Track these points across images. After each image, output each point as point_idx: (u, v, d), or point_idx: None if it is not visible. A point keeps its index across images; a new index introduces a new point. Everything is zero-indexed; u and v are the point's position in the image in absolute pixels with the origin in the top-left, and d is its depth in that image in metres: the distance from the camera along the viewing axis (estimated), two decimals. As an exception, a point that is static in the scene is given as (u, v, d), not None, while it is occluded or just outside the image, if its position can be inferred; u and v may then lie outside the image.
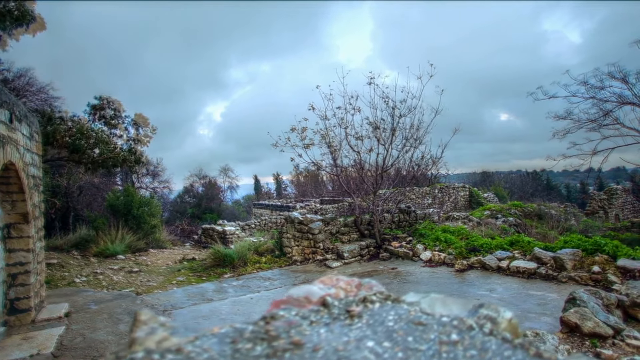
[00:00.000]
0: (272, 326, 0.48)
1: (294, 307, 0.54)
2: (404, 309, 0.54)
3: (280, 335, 0.46)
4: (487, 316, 0.49)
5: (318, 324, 0.51)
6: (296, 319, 0.51)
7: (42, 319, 4.93)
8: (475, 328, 0.47)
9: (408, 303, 0.57)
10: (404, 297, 0.60)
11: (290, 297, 0.57)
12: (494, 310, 0.51)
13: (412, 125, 8.64)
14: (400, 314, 0.52)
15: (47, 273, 8.36)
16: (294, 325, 0.49)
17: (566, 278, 5.48)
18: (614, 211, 18.14)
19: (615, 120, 11.52)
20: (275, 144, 8.58)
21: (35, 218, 5.15)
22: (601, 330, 2.43)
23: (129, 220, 12.32)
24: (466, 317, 0.50)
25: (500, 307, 0.51)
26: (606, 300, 2.82)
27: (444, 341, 0.44)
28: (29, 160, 4.94)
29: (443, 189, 19.23)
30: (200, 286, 7.24)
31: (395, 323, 0.49)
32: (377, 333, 0.47)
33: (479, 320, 0.49)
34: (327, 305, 0.56)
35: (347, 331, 0.48)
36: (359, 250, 8.44)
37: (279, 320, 0.50)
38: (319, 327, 0.50)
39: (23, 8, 10.06)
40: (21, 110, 4.65)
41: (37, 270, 5.20)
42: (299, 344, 0.45)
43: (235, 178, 35.04)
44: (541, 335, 2.26)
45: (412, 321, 0.49)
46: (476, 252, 7.19)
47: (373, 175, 9.03)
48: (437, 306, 0.55)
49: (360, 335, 0.47)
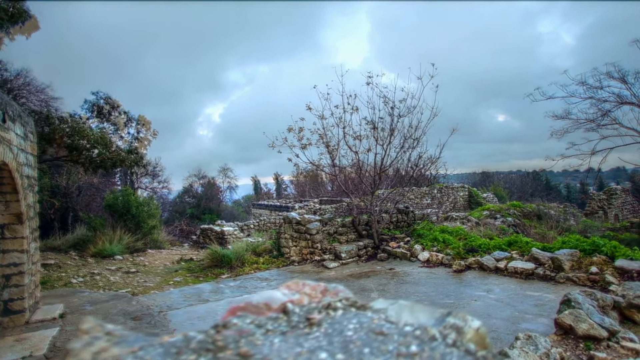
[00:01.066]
0: (221, 335, 0.45)
1: (250, 315, 0.51)
2: (368, 317, 0.50)
3: (228, 345, 0.43)
4: (454, 325, 0.46)
5: (273, 333, 0.47)
6: (250, 327, 0.47)
7: (36, 320, 4.90)
8: (438, 338, 0.43)
9: (374, 310, 0.54)
10: (372, 303, 0.57)
11: (248, 304, 0.54)
12: (461, 319, 0.47)
13: (411, 125, 8.60)
14: (362, 323, 0.49)
15: (44, 274, 8.34)
16: (246, 335, 0.46)
17: (564, 279, 5.44)
18: (614, 211, 18.10)
19: (614, 120, 11.49)
20: (272, 144, 8.55)
21: (29, 219, 5.12)
22: (596, 333, 2.39)
23: (127, 220, 12.29)
24: (431, 327, 0.47)
25: (469, 316, 0.48)
26: (602, 301, 2.78)
27: (402, 353, 0.41)
28: (23, 161, 4.91)
29: (442, 189, 19.19)
30: (197, 287, 7.21)
31: (354, 332, 0.46)
32: (333, 343, 0.44)
33: (444, 330, 0.45)
34: (287, 312, 0.52)
35: (303, 341, 0.45)
36: (357, 250, 8.41)
37: (231, 328, 0.47)
38: (274, 336, 0.47)
39: (19, 6, 10.04)
40: (15, 110, 4.62)
41: (31, 271, 5.16)
42: (247, 356, 0.42)
43: (234, 178, 35.00)
44: (533, 337, 2.22)
45: (373, 330, 0.46)
46: (474, 253, 7.15)
47: (371, 176, 9.00)
48: (405, 313, 0.52)
49: (314, 346, 0.44)
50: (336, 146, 8.72)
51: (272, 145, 8.75)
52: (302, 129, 8.54)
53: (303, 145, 8.49)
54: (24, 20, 11.35)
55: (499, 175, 34.12)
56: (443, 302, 5.14)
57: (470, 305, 4.93)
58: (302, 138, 8.55)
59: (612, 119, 11.51)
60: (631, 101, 11.09)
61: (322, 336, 0.46)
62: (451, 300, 5.23)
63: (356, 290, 6.13)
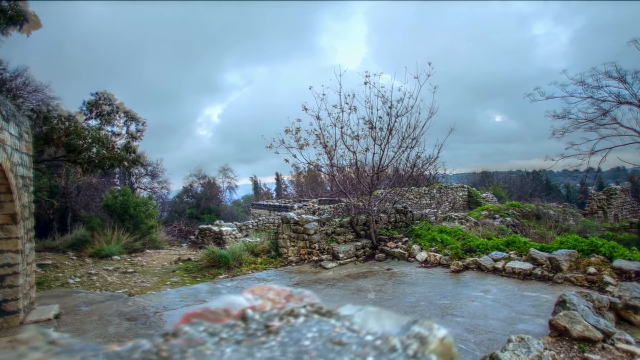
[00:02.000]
0: (168, 345, 0.42)
1: (206, 321, 0.48)
2: (330, 325, 0.48)
3: (172, 356, 0.40)
4: (418, 335, 0.43)
5: (227, 342, 0.44)
6: (202, 335, 0.44)
7: (31, 320, 4.87)
8: (399, 349, 0.41)
9: (340, 317, 0.51)
10: (340, 309, 0.54)
11: (206, 309, 0.51)
12: (427, 328, 0.45)
13: (409, 124, 8.57)
14: (322, 331, 0.46)
15: (41, 274, 8.31)
16: (195, 344, 0.43)
17: (562, 279, 5.41)
18: (613, 211, 18.06)
19: (613, 120, 11.45)
20: (269, 145, 8.52)
21: (24, 219, 5.09)
22: (590, 334, 2.36)
23: (125, 220, 12.26)
24: (394, 336, 0.44)
25: (436, 325, 0.45)
26: (597, 302, 2.75)
27: (357, 365, 0.38)
28: (18, 160, 4.88)
29: (441, 189, 19.15)
30: (194, 287, 7.18)
31: (312, 342, 0.43)
32: (287, 354, 0.41)
33: (406, 340, 0.43)
34: (246, 319, 0.50)
35: (256, 351, 0.42)
36: (355, 250, 8.37)
37: (180, 337, 0.44)
38: (226, 345, 0.44)
39: (17, 7, 10.00)
40: (8, 109, 4.59)
41: (26, 272, 5.14)
42: (191, 368, 0.39)
43: (234, 178, 34.94)
44: (526, 340, 2.19)
45: (332, 340, 0.43)
46: (472, 253, 7.12)
47: (369, 175, 8.96)
48: (371, 321, 0.49)
49: (266, 357, 0.41)
50: (334, 146, 8.69)
51: (269, 146, 8.73)
52: (299, 130, 8.51)
53: (300, 146, 8.46)
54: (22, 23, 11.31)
55: (498, 175, 34.07)
56: (440, 303, 5.11)
57: (468, 306, 4.90)
58: (299, 139, 8.52)
59: (611, 118, 11.49)
60: (630, 101, 11.06)
61: (277, 345, 0.43)
62: (448, 300, 5.19)
63: (353, 290, 6.10)
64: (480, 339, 3.83)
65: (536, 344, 2.16)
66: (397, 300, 5.38)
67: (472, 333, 3.99)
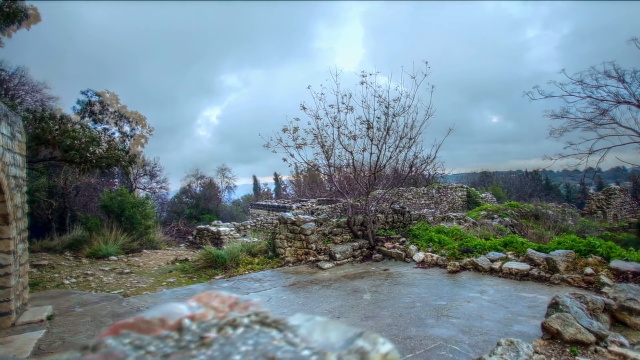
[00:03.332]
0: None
1: (135, 333, 0.44)
2: (269, 337, 0.44)
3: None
4: (360, 350, 0.40)
5: (153, 356, 0.41)
6: (125, 349, 0.41)
7: (23, 322, 4.83)
8: (334, 366, 0.37)
9: (286, 327, 0.47)
10: (289, 318, 0.50)
11: (139, 319, 0.47)
12: (371, 341, 0.41)
13: (406, 124, 8.53)
14: (259, 344, 0.42)
15: (36, 275, 8.27)
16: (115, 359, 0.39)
17: (559, 280, 5.37)
18: (612, 211, 18.01)
19: (611, 120, 11.41)
20: (267, 144, 8.48)
21: (17, 219, 5.05)
22: (583, 337, 2.31)
23: (122, 221, 12.23)
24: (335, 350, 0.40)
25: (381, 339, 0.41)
26: (592, 304, 2.70)
27: (283, 385, 0.34)
28: (10, 161, 4.84)
29: (440, 189, 19.10)
30: (190, 287, 7.14)
31: (243, 356, 0.39)
32: (211, 371, 0.37)
33: (346, 355, 0.39)
34: (182, 329, 0.46)
35: (181, 367, 0.39)
36: (352, 251, 8.34)
37: (99, 351, 0.40)
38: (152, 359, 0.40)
39: (15, 5, 9.96)
40: (0, 109, 4.55)
41: (19, 273, 5.09)
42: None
43: (232, 178, 34.92)
44: (515, 343, 2.14)
45: (265, 355, 0.40)
46: (469, 253, 7.08)
47: (366, 176, 8.93)
48: (316, 332, 0.45)
49: (188, 375, 0.37)
50: (331, 146, 8.65)
51: (267, 145, 8.69)
52: (297, 129, 8.47)
53: (298, 145, 8.42)
54: (21, 20, 11.28)
55: (498, 175, 34.02)
56: (436, 304, 5.07)
57: (464, 307, 4.86)
58: (297, 138, 8.49)
59: (609, 118, 11.45)
60: (629, 100, 11.02)
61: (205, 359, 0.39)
62: (444, 301, 5.15)
63: (349, 291, 6.06)
64: (475, 341, 3.79)
65: (525, 347, 2.11)
66: (393, 301, 5.34)
67: (467, 334, 3.95)
